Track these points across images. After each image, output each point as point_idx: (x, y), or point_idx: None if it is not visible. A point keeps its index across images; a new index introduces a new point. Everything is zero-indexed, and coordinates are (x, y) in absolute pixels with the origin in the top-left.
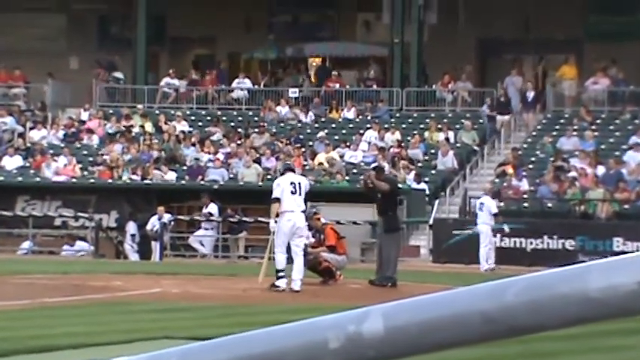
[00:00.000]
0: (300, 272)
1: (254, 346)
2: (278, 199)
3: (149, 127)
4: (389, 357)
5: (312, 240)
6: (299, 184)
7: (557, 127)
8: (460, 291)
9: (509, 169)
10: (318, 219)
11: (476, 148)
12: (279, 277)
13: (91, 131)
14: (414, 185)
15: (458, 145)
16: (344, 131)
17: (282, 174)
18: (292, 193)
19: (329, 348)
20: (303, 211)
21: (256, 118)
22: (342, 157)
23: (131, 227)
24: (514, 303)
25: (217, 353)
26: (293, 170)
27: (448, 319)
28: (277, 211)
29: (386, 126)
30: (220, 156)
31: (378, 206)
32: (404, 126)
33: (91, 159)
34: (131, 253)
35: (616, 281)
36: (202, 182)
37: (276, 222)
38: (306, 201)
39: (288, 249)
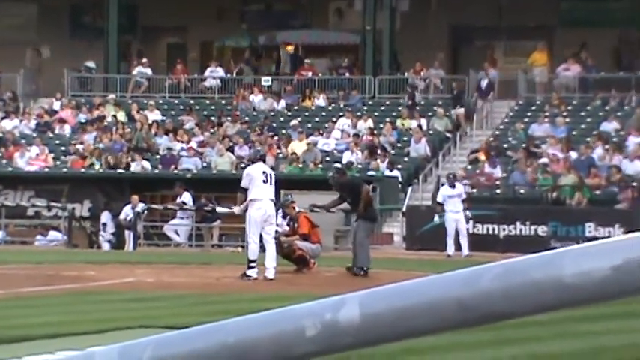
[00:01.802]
0: (273, 260)
1: (229, 334)
2: (245, 190)
3: (121, 116)
4: (366, 343)
5: (287, 228)
6: (270, 174)
7: (529, 113)
8: (435, 278)
9: (482, 156)
10: (293, 207)
11: (448, 135)
12: (250, 267)
13: (63, 121)
14: (387, 172)
15: (430, 132)
16: (317, 119)
17: (252, 162)
18: (264, 182)
19: (306, 335)
20: (272, 200)
21: (229, 107)
22: (315, 145)
23: (105, 217)
24: (489, 289)
25: (192, 342)
26: (263, 160)
27: (424, 306)
28: (243, 202)
29: (358, 114)
30: (193, 145)
31: (350, 205)
32: (376, 113)
33: (63, 149)
34: (104, 243)
35: (590, 267)
36: (175, 171)
37: (245, 211)
38: (277, 192)
39: (261, 238)
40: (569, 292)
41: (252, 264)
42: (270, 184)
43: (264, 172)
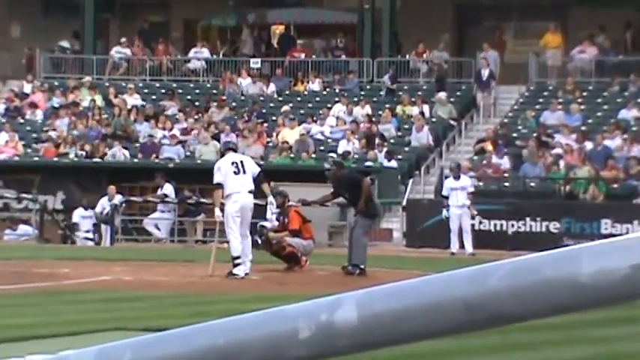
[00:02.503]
0: (249, 253)
1: (216, 336)
2: (220, 185)
3: (98, 100)
4: (363, 347)
5: (276, 223)
6: (241, 162)
7: (541, 100)
8: (439, 276)
9: (489, 146)
10: (287, 200)
11: (453, 122)
12: (236, 265)
13: (34, 105)
14: (386, 163)
15: (433, 119)
16: (310, 105)
17: (222, 155)
18: (235, 173)
19: (299, 338)
20: (251, 191)
21: (215, 91)
22: (308, 133)
23: (77, 216)
24: (498, 289)
25: (175, 345)
26: (234, 150)
27: (427, 307)
28: (221, 199)
29: (355, 99)
30: (176, 132)
31: (349, 201)
32: (375, 99)
33: (34, 135)
34: (82, 241)
35: (608, 265)
36: (156, 160)
37: (222, 210)
38: (257, 181)
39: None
40: (585, 293)
41: (237, 260)
42: (245, 173)
43: (233, 163)
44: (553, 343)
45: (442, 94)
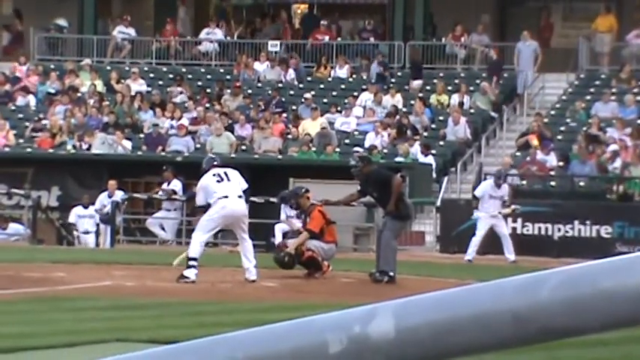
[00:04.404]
0: (251, 258)
1: (236, 349)
2: (203, 208)
3: (99, 85)
4: None
5: (299, 225)
6: (224, 173)
7: (592, 90)
8: (485, 286)
9: (534, 140)
10: (308, 198)
11: (493, 114)
12: (190, 266)
13: (27, 90)
14: (422, 159)
15: (472, 110)
16: (334, 93)
17: (205, 172)
18: (218, 182)
19: (329, 352)
20: (241, 197)
21: (228, 77)
22: (331, 124)
23: (74, 215)
24: (550, 300)
25: (192, 357)
26: (217, 164)
27: (471, 319)
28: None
29: (385, 87)
30: (185, 122)
31: (377, 201)
32: (406, 87)
33: (27, 124)
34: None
35: None
36: (163, 153)
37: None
38: (246, 191)
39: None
40: None
41: (192, 262)
42: (229, 180)
43: (215, 174)
44: None
45: (417, 84)
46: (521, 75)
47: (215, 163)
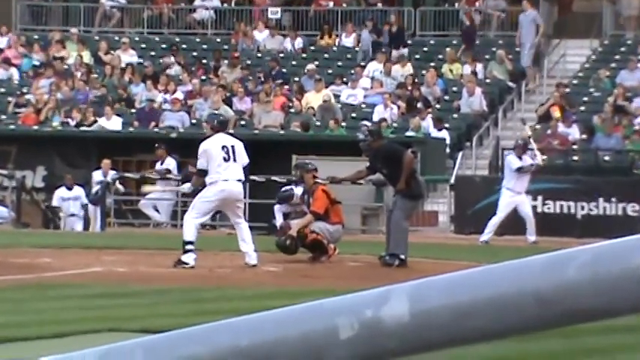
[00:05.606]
0: (250, 242)
1: (239, 336)
2: (203, 172)
3: (86, 57)
4: (414, 349)
5: (302, 206)
6: (232, 147)
7: (617, 57)
8: (506, 266)
9: (556, 112)
10: (314, 176)
11: (511, 84)
12: (186, 251)
13: (9, 62)
14: (435, 133)
15: (488, 81)
16: (340, 63)
17: (212, 133)
18: (225, 160)
19: (340, 338)
20: (240, 180)
21: (226, 47)
22: (337, 97)
23: (57, 198)
24: (576, 280)
25: (193, 345)
26: (225, 127)
27: (491, 301)
28: (199, 183)
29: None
30: (179, 95)
31: (387, 178)
32: (417, 56)
33: (10, 99)
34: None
35: None
36: (156, 129)
37: (193, 190)
38: (246, 168)
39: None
40: None
41: (188, 247)
42: (235, 161)
43: (224, 147)
44: (631, 349)
45: (402, 52)
46: (522, 49)
47: (220, 123)
